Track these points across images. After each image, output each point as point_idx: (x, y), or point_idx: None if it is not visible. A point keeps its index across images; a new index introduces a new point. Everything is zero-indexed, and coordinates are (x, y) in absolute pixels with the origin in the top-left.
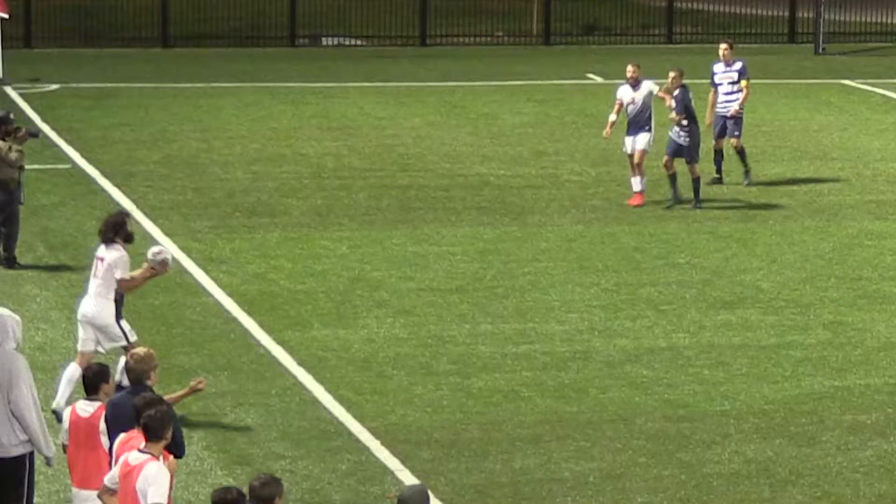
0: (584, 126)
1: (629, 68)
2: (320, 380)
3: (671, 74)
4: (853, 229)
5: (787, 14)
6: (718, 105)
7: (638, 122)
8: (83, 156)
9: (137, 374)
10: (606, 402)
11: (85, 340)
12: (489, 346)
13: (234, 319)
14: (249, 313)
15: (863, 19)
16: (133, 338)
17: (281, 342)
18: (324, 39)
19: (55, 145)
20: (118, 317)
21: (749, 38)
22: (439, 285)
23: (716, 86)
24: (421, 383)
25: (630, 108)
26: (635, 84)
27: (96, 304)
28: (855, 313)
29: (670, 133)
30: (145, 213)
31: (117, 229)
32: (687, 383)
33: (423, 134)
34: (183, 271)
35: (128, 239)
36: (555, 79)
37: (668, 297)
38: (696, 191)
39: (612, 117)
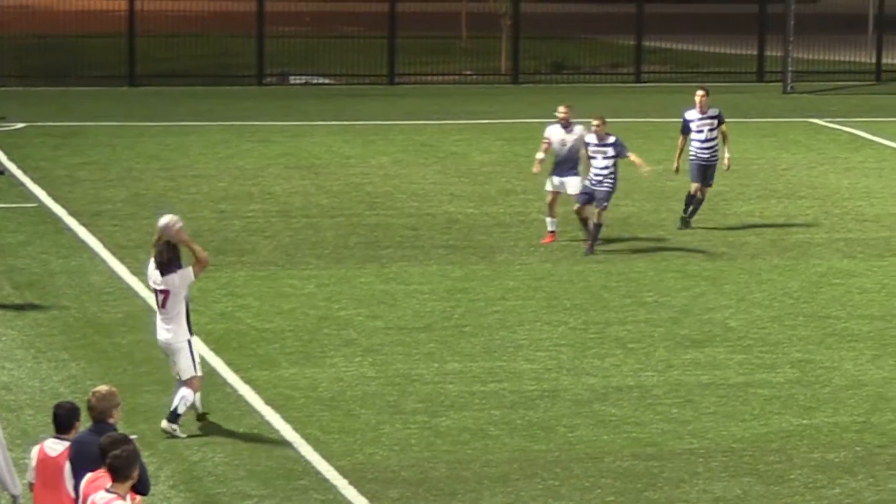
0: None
1: (561, 109)
2: (288, 419)
3: (595, 123)
4: (821, 268)
5: (755, 53)
6: (699, 151)
7: (566, 163)
8: (49, 194)
9: (100, 411)
10: (575, 440)
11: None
12: (457, 385)
13: (202, 358)
14: (217, 352)
15: (830, 58)
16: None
17: (248, 381)
18: (292, 78)
19: (21, 184)
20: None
21: (717, 77)
22: (407, 324)
23: (689, 132)
24: (389, 422)
25: (560, 148)
26: (567, 126)
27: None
28: (823, 352)
29: (587, 180)
30: (112, 252)
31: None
32: (655, 422)
33: (391, 172)
34: (150, 310)
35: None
36: (523, 117)
37: (637, 335)
38: (595, 236)
39: (540, 155)
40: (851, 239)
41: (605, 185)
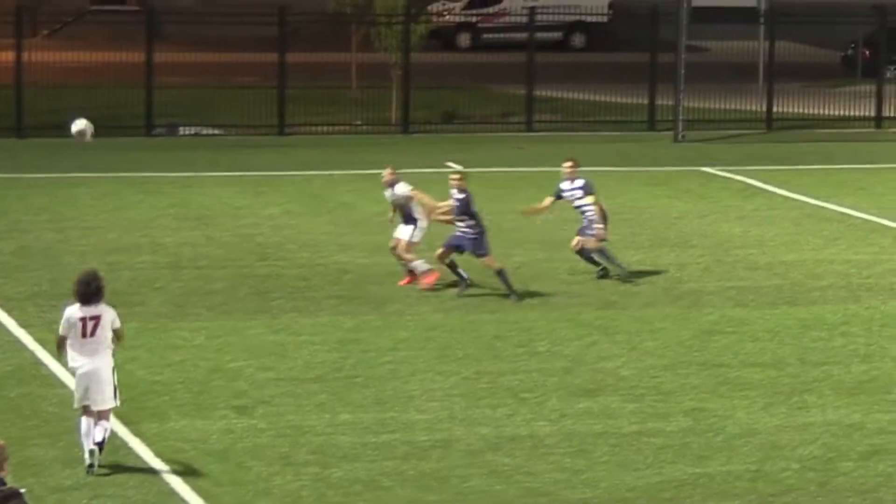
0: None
1: (385, 172)
2: (178, 472)
3: (454, 178)
4: (714, 316)
5: (646, 102)
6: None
7: (405, 218)
8: None
9: None
10: (468, 490)
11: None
12: (349, 436)
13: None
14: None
15: (721, 106)
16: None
17: (138, 434)
18: (181, 129)
19: None
20: None
21: (608, 126)
22: (298, 375)
23: (560, 199)
24: (280, 474)
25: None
26: (391, 185)
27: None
28: (716, 400)
29: (456, 231)
30: (0, 305)
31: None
32: (548, 471)
33: (281, 223)
34: (38, 363)
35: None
36: (414, 167)
37: (529, 385)
38: (506, 282)
39: (390, 215)
40: (743, 287)
41: (472, 235)
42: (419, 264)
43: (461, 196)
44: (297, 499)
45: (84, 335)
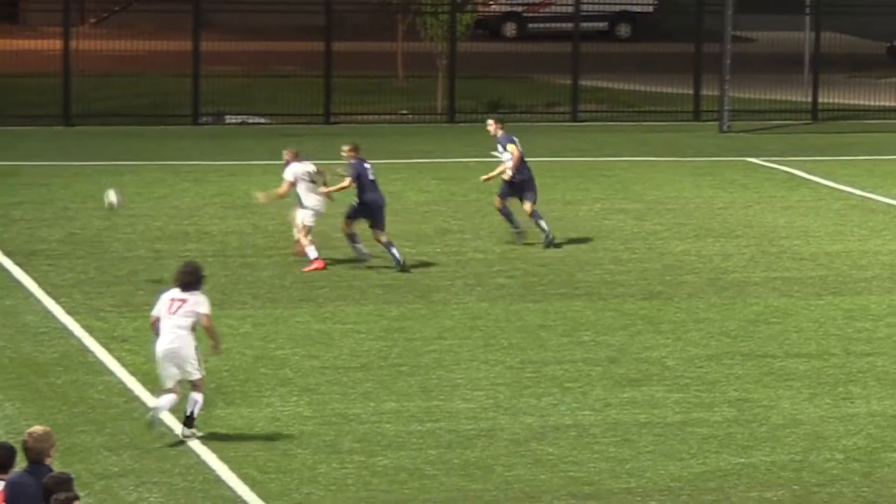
0: (487, 204)
1: (286, 152)
2: (224, 458)
3: (345, 147)
4: (758, 307)
5: (691, 92)
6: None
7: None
8: None
9: (37, 452)
10: (512, 479)
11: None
12: (394, 424)
13: (137, 398)
14: (153, 392)
15: (767, 97)
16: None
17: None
18: (227, 118)
19: None
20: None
21: (654, 116)
22: (344, 363)
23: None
24: (325, 462)
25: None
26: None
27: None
28: (760, 390)
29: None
30: (47, 292)
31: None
32: (593, 461)
33: (327, 212)
34: (85, 350)
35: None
36: (459, 157)
37: (574, 374)
38: (392, 255)
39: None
40: (788, 278)
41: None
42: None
43: (354, 162)
44: (342, 487)
45: (170, 313)
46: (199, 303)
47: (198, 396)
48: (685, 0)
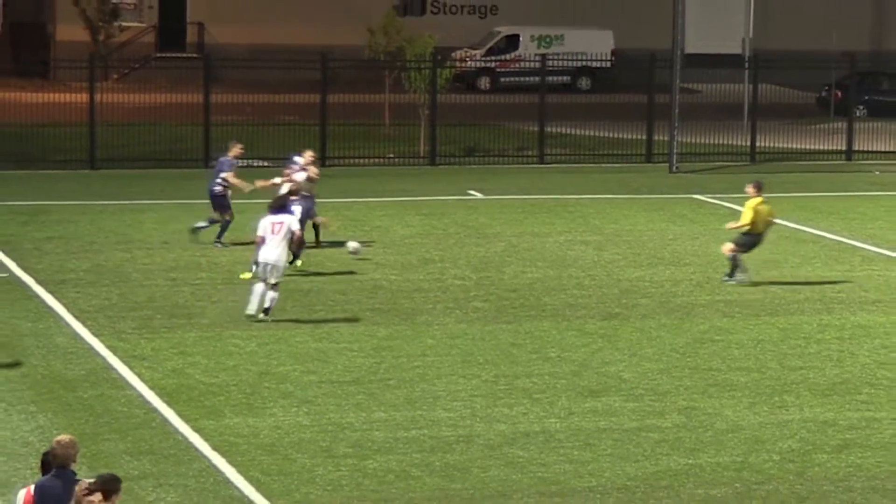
0: (465, 236)
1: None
2: (232, 462)
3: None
4: (704, 326)
5: (644, 137)
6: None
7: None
8: (19, 265)
9: (63, 458)
10: (488, 480)
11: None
12: (383, 432)
13: (155, 410)
14: (169, 404)
15: (711, 141)
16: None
17: (197, 430)
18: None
19: None
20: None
21: (611, 159)
22: (338, 378)
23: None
24: (322, 465)
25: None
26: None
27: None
28: (706, 400)
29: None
30: (75, 316)
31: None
32: (558, 463)
33: (323, 244)
34: (109, 367)
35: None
36: (440, 195)
37: (542, 386)
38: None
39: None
40: (730, 300)
41: None
42: None
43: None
44: (337, 487)
45: (273, 233)
46: (291, 222)
47: (275, 295)
48: (638, 56)
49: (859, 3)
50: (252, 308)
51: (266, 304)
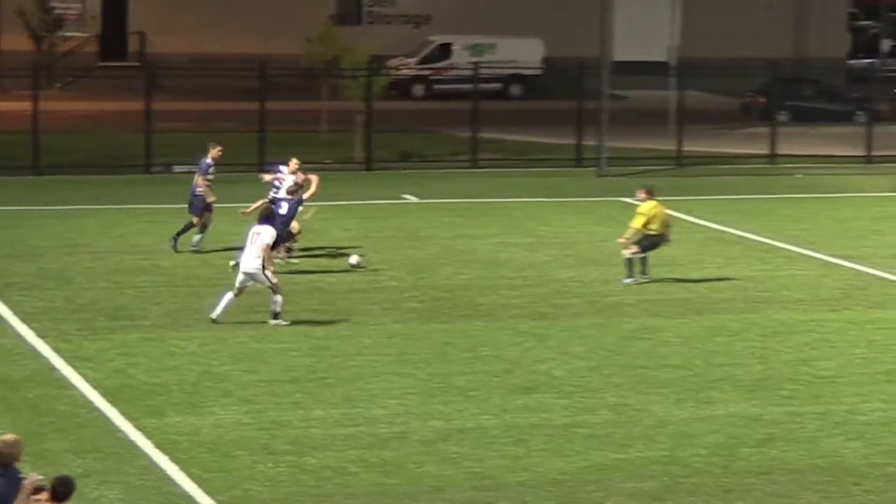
0: (401, 239)
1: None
2: (174, 460)
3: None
4: (633, 325)
5: (574, 142)
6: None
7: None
8: None
9: (8, 457)
10: (423, 475)
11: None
12: (321, 429)
13: (98, 409)
14: (112, 403)
15: (637, 146)
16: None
17: (139, 428)
18: (176, 167)
19: None
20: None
21: (542, 163)
22: (277, 377)
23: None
24: (262, 462)
25: None
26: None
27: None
28: (635, 396)
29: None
30: (21, 318)
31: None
32: (492, 458)
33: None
34: (53, 368)
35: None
36: (376, 199)
37: (475, 384)
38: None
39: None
40: (657, 300)
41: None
42: None
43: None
44: (276, 483)
45: (251, 243)
46: (266, 235)
47: (277, 298)
48: (568, 64)
49: (781, 12)
50: (217, 312)
51: (271, 308)
